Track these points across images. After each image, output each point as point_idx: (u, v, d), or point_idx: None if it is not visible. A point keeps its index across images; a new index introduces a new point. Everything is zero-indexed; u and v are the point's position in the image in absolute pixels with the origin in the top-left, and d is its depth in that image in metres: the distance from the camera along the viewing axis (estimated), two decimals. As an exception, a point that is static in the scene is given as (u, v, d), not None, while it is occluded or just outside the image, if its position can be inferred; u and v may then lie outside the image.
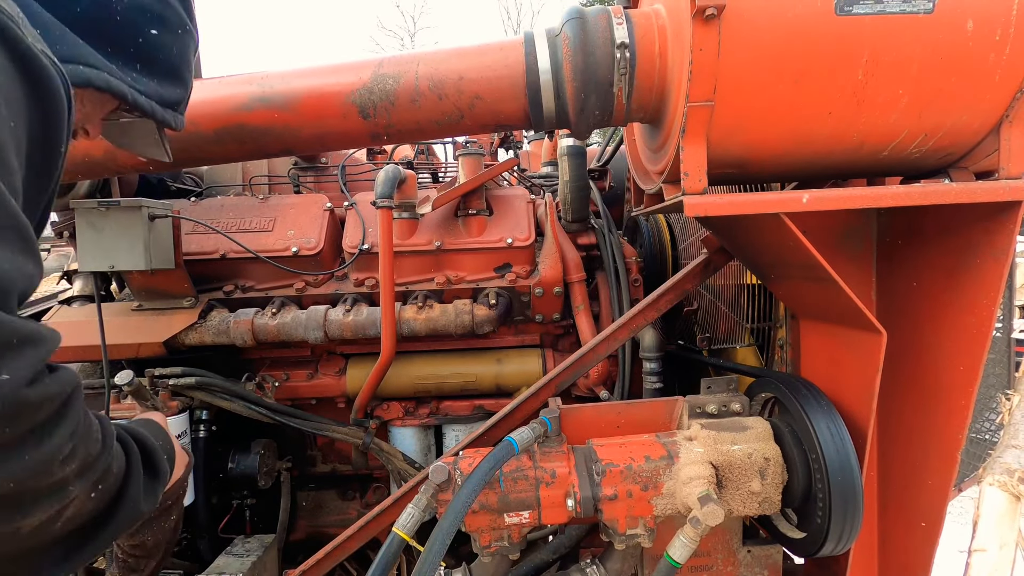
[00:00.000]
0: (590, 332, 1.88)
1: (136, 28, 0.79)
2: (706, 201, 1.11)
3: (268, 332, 1.77)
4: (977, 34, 1.03)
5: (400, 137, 1.45)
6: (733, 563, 1.46)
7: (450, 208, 1.95)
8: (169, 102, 0.88)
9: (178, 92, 0.90)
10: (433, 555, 1.10)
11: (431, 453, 1.97)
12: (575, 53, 1.24)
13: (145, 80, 0.82)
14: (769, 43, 1.04)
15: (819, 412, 1.24)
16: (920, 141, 1.15)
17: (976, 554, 1.23)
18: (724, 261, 1.67)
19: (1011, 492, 1.24)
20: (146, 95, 0.82)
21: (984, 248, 1.16)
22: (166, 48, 0.84)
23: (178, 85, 0.89)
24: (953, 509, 2.22)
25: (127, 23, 0.77)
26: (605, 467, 1.25)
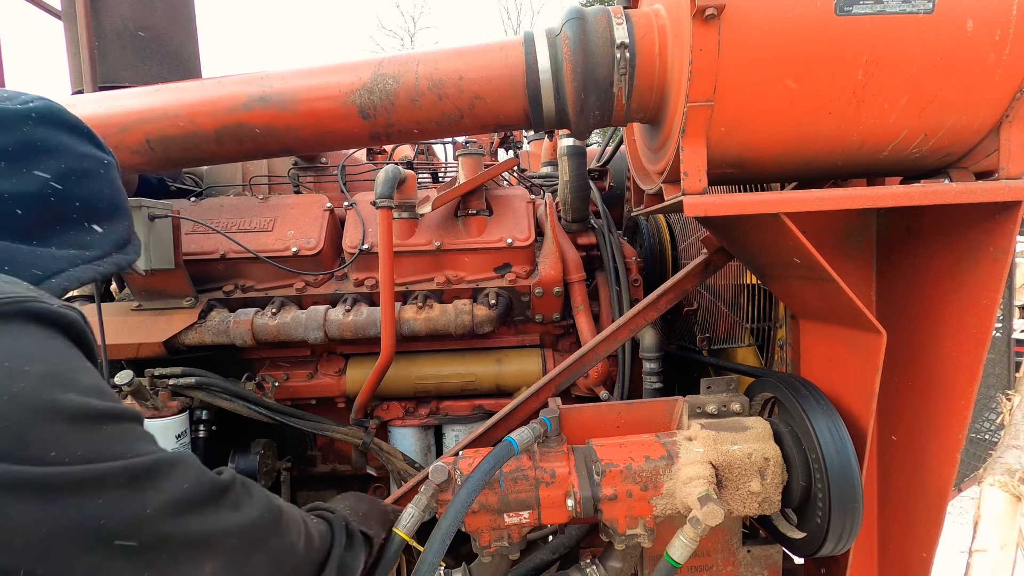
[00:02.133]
0: (590, 332, 1.88)
1: (69, 199, 0.82)
2: (706, 201, 1.11)
3: (268, 332, 1.77)
4: (977, 34, 1.03)
5: (400, 137, 1.45)
6: (733, 563, 1.46)
7: (450, 208, 1.95)
8: (121, 240, 0.92)
9: (123, 225, 0.93)
10: (433, 555, 1.10)
11: (431, 453, 1.97)
12: (575, 53, 1.24)
13: (94, 240, 0.86)
14: (769, 43, 1.04)
15: (819, 412, 1.24)
16: (920, 141, 1.15)
17: (976, 554, 1.22)
18: (724, 261, 1.67)
19: (1011, 492, 1.24)
20: (102, 258, 0.87)
21: (984, 248, 1.16)
22: (100, 197, 0.88)
23: (121, 217, 0.93)
24: (953, 509, 2.22)
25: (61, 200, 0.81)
26: (605, 467, 1.25)
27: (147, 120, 1.41)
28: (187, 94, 1.42)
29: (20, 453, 0.55)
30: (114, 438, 0.63)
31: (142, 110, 1.42)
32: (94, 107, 1.44)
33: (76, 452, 0.59)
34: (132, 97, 1.46)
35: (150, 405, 1.63)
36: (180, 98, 1.42)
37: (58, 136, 0.83)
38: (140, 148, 1.43)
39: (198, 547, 0.67)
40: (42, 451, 0.56)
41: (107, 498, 0.60)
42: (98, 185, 0.88)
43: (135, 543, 0.61)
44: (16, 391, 0.56)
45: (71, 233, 0.83)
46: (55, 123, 0.84)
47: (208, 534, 0.68)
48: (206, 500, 0.69)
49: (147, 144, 1.42)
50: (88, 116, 1.41)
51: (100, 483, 0.59)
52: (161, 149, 1.43)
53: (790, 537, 1.35)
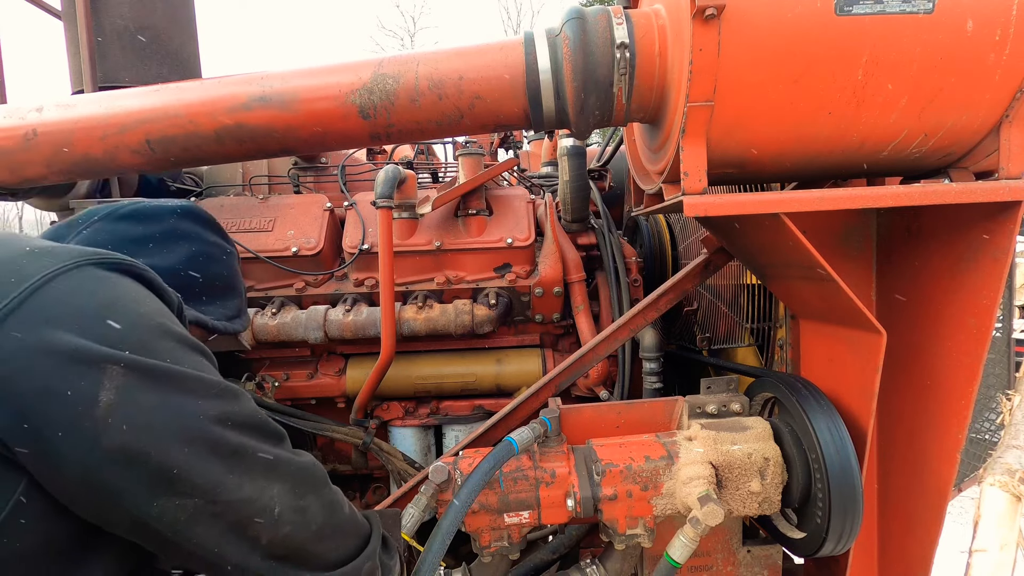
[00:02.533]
0: (590, 332, 1.88)
1: (194, 275, 1.03)
2: (706, 201, 1.11)
3: (268, 332, 1.77)
4: (977, 34, 1.03)
5: (400, 137, 1.45)
6: (733, 563, 1.46)
7: (450, 208, 1.95)
8: (231, 314, 1.12)
9: (235, 302, 1.14)
10: (433, 555, 1.10)
11: (431, 453, 1.97)
12: (575, 53, 1.24)
13: (210, 308, 1.06)
14: (769, 43, 1.04)
15: (819, 412, 1.24)
16: (920, 141, 1.15)
17: (976, 554, 1.22)
18: (724, 261, 1.67)
19: (1012, 492, 1.24)
20: (214, 318, 1.07)
21: (984, 248, 1.16)
22: (220, 277, 1.09)
23: (234, 296, 1.14)
24: (953, 509, 2.22)
25: (188, 275, 1.02)
26: (605, 467, 1.25)
27: (147, 120, 1.41)
28: (187, 94, 1.42)
29: (144, 351, 0.68)
30: (207, 365, 0.77)
31: (142, 110, 1.42)
32: (94, 107, 1.44)
33: (185, 362, 0.72)
34: (132, 97, 1.45)
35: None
36: (180, 98, 1.41)
37: (195, 228, 1.06)
38: (140, 148, 1.43)
39: (267, 467, 0.77)
40: (160, 354, 0.69)
41: (205, 400, 0.71)
42: (219, 267, 1.09)
43: (221, 443, 0.71)
44: (143, 311, 0.71)
45: (197, 303, 1.03)
46: (194, 218, 1.06)
47: (276, 459, 0.79)
48: (271, 434, 0.81)
49: (147, 144, 1.42)
50: (88, 116, 1.41)
51: (203, 386, 0.72)
52: (161, 149, 1.43)
53: (790, 537, 1.35)
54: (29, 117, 1.41)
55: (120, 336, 0.66)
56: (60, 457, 0.62)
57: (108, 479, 0.64)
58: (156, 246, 0.98)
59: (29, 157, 1.42)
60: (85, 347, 0.63)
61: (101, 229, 0.94)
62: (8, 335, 0.61)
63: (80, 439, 0.62)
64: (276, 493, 0.77)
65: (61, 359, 0.62)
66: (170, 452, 0.66)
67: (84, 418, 0.61)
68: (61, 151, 1.41)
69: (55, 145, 1.41)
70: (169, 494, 0.67)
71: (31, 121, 1.41)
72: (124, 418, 0.63)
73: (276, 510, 0.76)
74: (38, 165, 1.43)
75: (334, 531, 0.86)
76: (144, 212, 0.99)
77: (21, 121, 1.40)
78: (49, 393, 0.61)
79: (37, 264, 0.66)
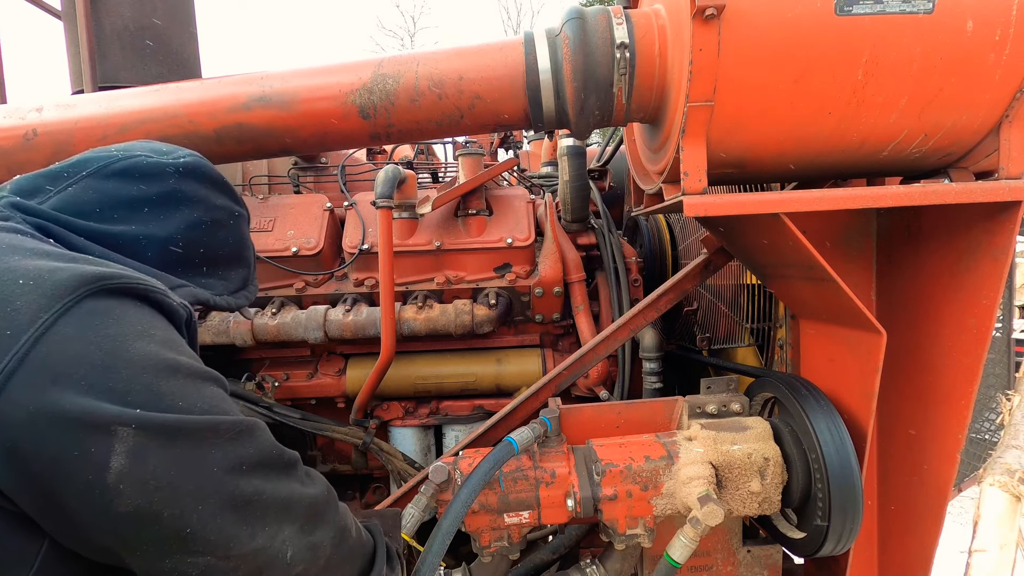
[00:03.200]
0: (590, 332, 1.88)
1: (196, 245, 0.92)
2: (706, 201, 1.11)
3: (268, 332, 1.77)
4: (977, 34, 1.03)
5: (400, 137, 1.45)
6: (733, 563, 1.46)
7: (450, 208, 1.95)
8: (236, 287, 1.01)
9: (242, 272, 1.03)
10: (433, 555, 1.10)
11: (431, 453, 1.97)
12: (575, 53, 1.24)
13: (212, 281, 0.96)
14: (769, 43, 1.04)
15: (819, 412, 1.24)
16: (920, 141, 1.15)
17: (976, 554, 1.23)
18: (724, 261, 1.67)
19: (1011, 492, 1.24)
20: (216, 292, 0.96)
21: (984, 248, 1.16)
22: (225, 244, 0.97)
23: (240, 265, 1.02)
24: (953, 509, 2.22)
25: (189, 245, 0.90)
26: (605, 467, 1.25)
27: (147, 120, 1.41)
28: (187, 94, 1.42)
29: (155, 403, 0.64)
30: (219, 397, 0.73)
31: (142, 110, 1.42)
32: (94, 107, 1.44)
33: (197, 404, 0.68)
34: (132, 97, 1.46)
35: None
36: (180, 98, 1.42)
37: (199, 189, 0.92)
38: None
39: (280, 508, 0.74)
40: (172, 400, 0.66)
41: (218, 450, 0.68)
42: (224, 234, 0.97)
43: (235, 495, 0.69)
44: (147, 350, 0.67)
45: (199, 275, 0.93)
46: (199, 177, 0.93)
47: (288, 497, 0.75)
48: (284, 467, 0.77)
49: (147, 144, 1.42)
50: (88, 116, 1.41)
51: (217, 432, 0.68)
52: (161, 149, 1.43)
53: (790, 537, 1.35)
54: (29, 117, 1.41)
55: (128, 387, 0.63)
56: (74, 521, 0.62)
57: (121, 539, 0.63)
58: (152, 211, 0.86)
59: (29, 157, 1.42)
60: (93, 410, 0.61)
61: (89, 187, 0.83)
62: (14, 400, 0.59)
63: (93, 505, 0.61)
64: (288, 535, 0.74)
65: (71, 425, 0.60)
66: (183, 511, 0.65)
67: (96, 485, 0.60)
68: (61, 151, 1.41)
69: (55, 145, 1.41)
70: (182, 553, 0.66)
71: (31, 121, 1.41)
72: (135, 482, 0.62)
73: (288, 553, 0.74)
74: (38, 165, 1.43)
75: (343, 559, 0.85)
76: (140, 169, 0.86)
77: (21, 121, 1.41)
78: (62, 461, 0.60)
79: (33, 306, 0.62)
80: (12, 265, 0.65)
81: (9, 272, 0.64)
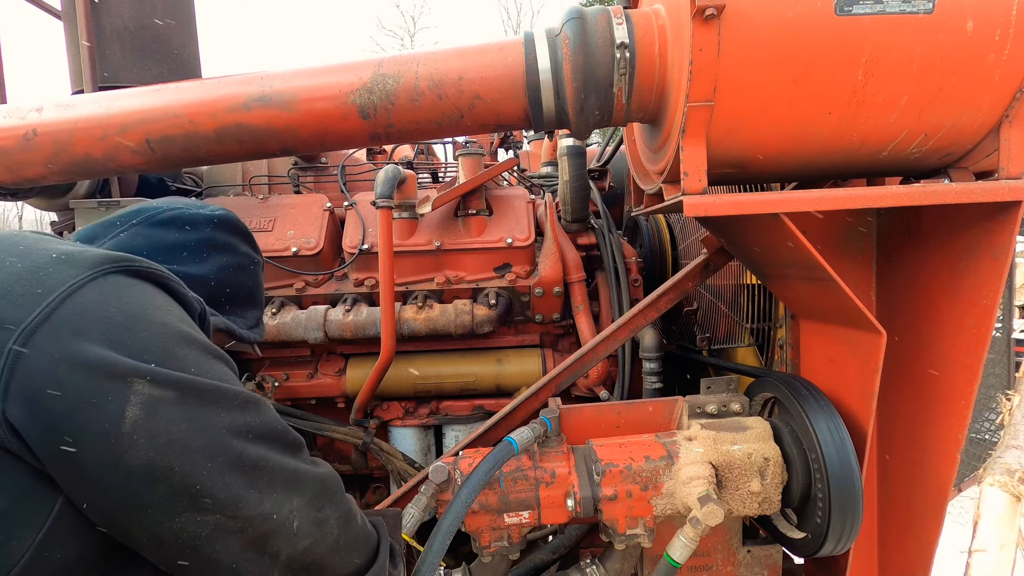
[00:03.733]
0: (590, 332, 1.88)
1: (224, 285, 1.04)
2: (706, 201, 1.11)
3: (268, 332, 1.77)
4: (977, 34, 1.03)
5: (400, 137, 1.45)
6: (733, 563, 1.46)
7: (450, 208, 1.95)
8: (251, 325, 1.13)
9: (256, 313, 1.15)
10: (433, 555, 1.10)
11: (431, 453, 1.97)
12: (575, 53, 1.24)
13: (235, 318, 1.08)
14: (769, 43, 1.04)
15: (819, 412, 1.24)
16: (920, 141, 1.15)
17: (976, 554, 1.22)
18: (724, 261, 1.67)
19: (1011, 492, 1.24)
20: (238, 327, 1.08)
21: (984, 248, 1.16)
22: (245, 287, 1.09)
23: (255, 307, 1.14)
24: (953, 509, 2.22)
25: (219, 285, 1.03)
26: (605, 467, 1.25)
27: (147, 120, 1.41)
28: (187, 94, 1.42)
29: (169, 363, 0.68)
30: (229, 372, 0.78)
31: (142, 110, 1.42)
32: (94, 107, 1.44)
33: (207, 372, 0.72)
34: (132, 97, 1.46)
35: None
36: (180, 98, 1.42)
37: (230, 238, 1.06)
38: (140, 148, 1.43)
39: (287, 480, 0.77)
40: (184, 364, 0.70)
41: (227, 413, 0.72)
42: (246, 278, 1.09)
43: (243, 457, 0.72)
44: (167, 319, 0.72)
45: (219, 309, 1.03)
46: (230, 228, 1.07)
47: (295, 470, 0.79)
48: (291, 443, 0.81)
49: (147, 144, 1.42)
50: (88, 116, 1.41)
51: (225, 398, 0.72)
52: (161, 149, 1.43)
53: (790, 537, 1.35)
54: (29, 117, 1.41)
55: (145, 346, 0.67)
56: (86, 469, 0.63)
57: (131, 494, 0.64)
58: (190, 254, 0.99)
59: (29, 157, 1.42)
60: (113, 360, 0.64)
61: (138, 234, 0.94)
62: (39, 348, 0.62)
63: (106, 454, 0.63)
64: (295, 506, 0.77)
65: (90, 373, 0.63)
66: (193, 468, 0.66)
67: (111, 434, 0.62)
68: (61, 151, 1.41)
69: (55, 145, 1.41)
70: (191, 510, 0.67)
71: (31, 121, 1.41)
72: (149, 434, 0.64)
73: (295, 523, 0.76)
74: (38, 165, 1.43)
75: (349, 543, 0.87)
76: (182, 219, 1.00)
77: (21, 121, 1.41)
78: (80, 407, 0.62)
79: (64, 274, 0.67)
80: (48, 246, 0.72)
81: (44, 251, 0.70)
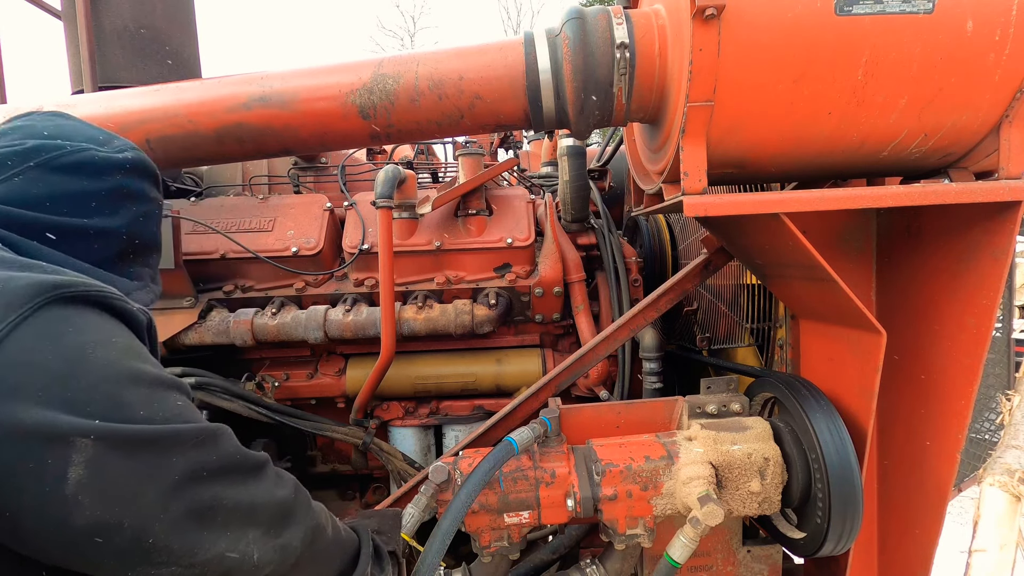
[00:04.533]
0: (590, 332, 1.88)
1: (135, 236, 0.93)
2: (706, 201, 1.11)
3: (268, 332, 1.77)
4: (977, 34, 1.03)
5: (400, 137, 1.45)
6: (733, 563, 1.46)
7: (450, 208, 1.95)
8: (155, 272, 1.02)
9: (158, 256, 1.03)
10: (433, 555, 1.10)
11: (431, 453, 1.97)
12: (575, 53, 1.24)
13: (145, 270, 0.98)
14: (769, 43, 1.04)
15: (819, 412, 1.24)
16: (920, 141, 1.15)
17: (976, 554, 1.23)
18: (724, 261, 1.67)
19: (1011, 492, 1.24)
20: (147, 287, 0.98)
21: (984, 248, 1.16)
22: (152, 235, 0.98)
23: (158, 251, 1.03)
24: (953, 509, 2.22)
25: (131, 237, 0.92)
26: (605, 467, 1.25)
27: (147, 120, 1.41)
28: (187, 94, 1.42)
29: (117, 413, 0.63)
30: (182, 405, 0.73)
31: (142, 110, 1.42)
32: (94, 107, 1.44)
33: (159, 413, 0.68)
34: (132, 97, 1.46)
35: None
36: (180, 98, 1.42)
37: (142, 184, 0.95)
38: (140, 148, 1.43)
39: (244, 514, 0.74)
40: (133, 411, 0.65)
41: (181, 457, 0.68)
42: (154, 224, 0.99)
43: (196, 502, 0.68)
44: (109, 358, 0.66)
45: (130, 264, 0.95)
46: (142, 172, 0.95)
47: (251, 503, 0.75)
48: (250, 470, 0.77)
49: (147, 144, 1.42)
50: (88, 116, 1.41)
51: (179, 441, 0.68)
52: (161, 149, 1.43)
53: (790, 537, 1.35)
54: (29, 117, 1.41)
55: (89, 397, 0.62)
56: (33, 536, 0.60)
57: (79, 554, 0.62)
58: (100, 205, 0.87)
59: (29, 157, 1.42)
60: (51, 421, 0.59)
61: (37, 180, 0.81)
62: None
63: (52, 519, 0.59)
64: (253, 538, 0.74)
65: (27, 438, 0.58)
66: (144, 522, 0.63)
67: (54, 498, 0.59)
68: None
69: (55, 145, 1.40)
70: (145, 564, 0.64)
71: (31, 121, 1.40)
72: (95, 493, 0.60)
73: (255, 556, 0.74)
74: (38, 165, 1.43)
75: (315, 557, 0.85)
76: (90, 165, 0.86)
77: (21, 121, 1.40)
78: (17, 475, 0.58)
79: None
80: None
81: None
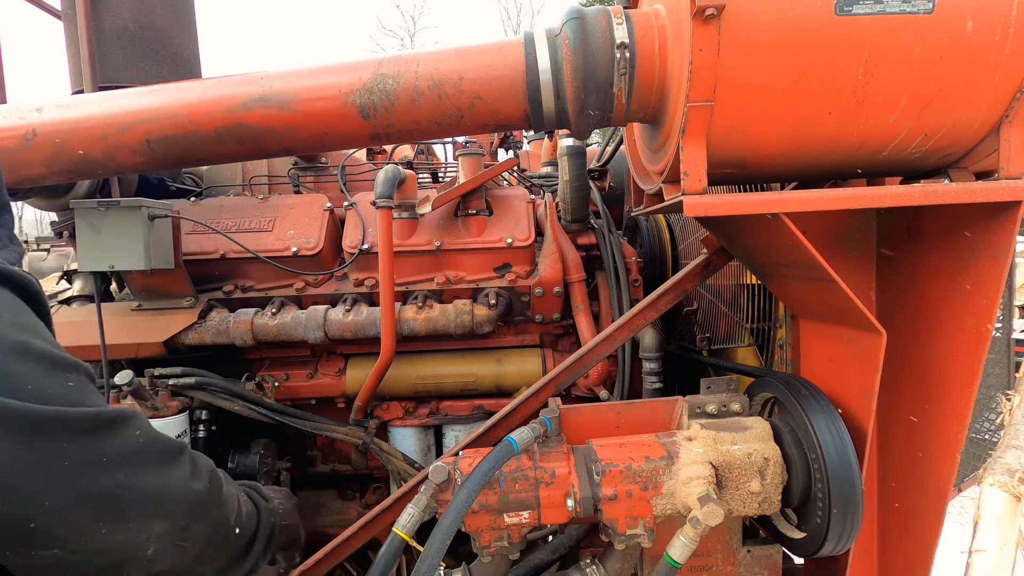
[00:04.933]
0: (590, 332, 1.88)
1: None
2: (706, 201, 1.11)
3: (268, 332, 1.77)
4: (977, 34, 1.03)
5: (400, 137, 1.45)
6: (733, 563, 1.46)
7: (450, 208, 1.95)
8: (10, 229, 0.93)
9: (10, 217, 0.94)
10: (433, 555, 1.10)
11: (431, 453, 1.97)
12: (575, 53, 1.24)
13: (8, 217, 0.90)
14: (769, 43, 1.04)
15: (819, 412, 1.24)
16: (920, 141, 1.15)
17: (976, 554, 1.23)
18: (724, 261, 1.67)
19: (1011, 492, 1.24)
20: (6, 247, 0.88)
21: (984, 248, 1.16)
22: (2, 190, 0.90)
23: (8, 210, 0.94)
24: (953, 509, 2.22)
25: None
26: (605, 467, 1.25)
27: (147, 120, 1.41)
28: (187, 94, 1.42)
29: (4, 385, 0.59)
30: (76, 387, 0.67)
31: (142, 110, 1.42)
32: (94, 107, 1.44)
33: (48, 391, 0.63)
34: (132, 97, 1.46)
35: (150, 405, 1.63)
36: (180, 98, 1.42)
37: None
38: (140, 148, 1.43)
39: (148, 506, 0.70)
40: (21, 383, 0.61)
41: (73, 443, 0.63)
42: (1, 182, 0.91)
43: (88, 490, 0.64)
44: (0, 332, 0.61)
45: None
46: None
47: (159, 495, 0.71)
48: (159, 459, 0.73)
49: (147, 144, 1.42)
50: (88, 116, 1.42)
51: (70, 426, 0.63)
52: (161, 149, 1.43)
53: (790, 537, 1.35)
54: (29, 117, 1.41)
55: None
56: None
57: None
58: None
59: (29, 157, 1.42)
60: None
61: None
62: None
63: None
64: (156, 532, 0.70)
65: None
66: (27, 509, 0.60)
67: None
68: (61, 151, 1.41)
69: (55, 145, 1.41)
70: (24, 547, 0.62)
71: (31, 121, 1.41)
72: None
73: (150, 550, 0.70)
74: (38, 165, 1.44)
75: (213, 553, 0.83)
76: None
77: (21, 121, 1.41)
78: None
79: None
80: None
81: None
